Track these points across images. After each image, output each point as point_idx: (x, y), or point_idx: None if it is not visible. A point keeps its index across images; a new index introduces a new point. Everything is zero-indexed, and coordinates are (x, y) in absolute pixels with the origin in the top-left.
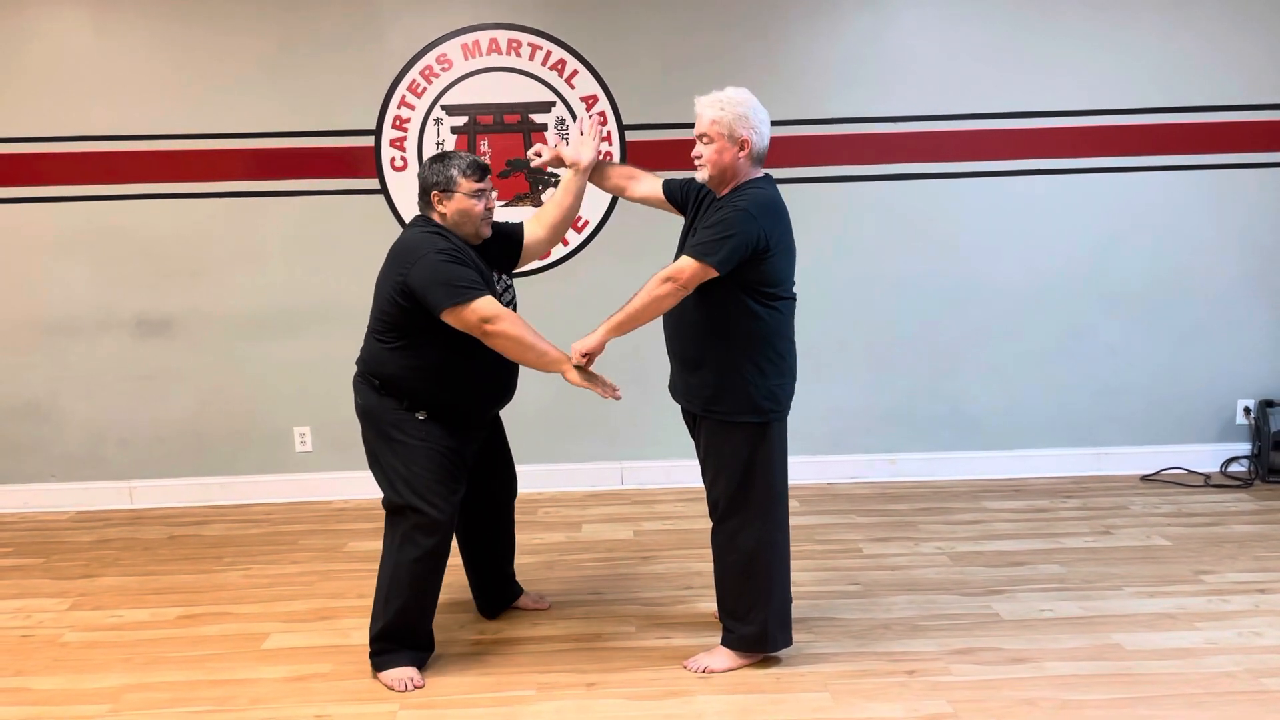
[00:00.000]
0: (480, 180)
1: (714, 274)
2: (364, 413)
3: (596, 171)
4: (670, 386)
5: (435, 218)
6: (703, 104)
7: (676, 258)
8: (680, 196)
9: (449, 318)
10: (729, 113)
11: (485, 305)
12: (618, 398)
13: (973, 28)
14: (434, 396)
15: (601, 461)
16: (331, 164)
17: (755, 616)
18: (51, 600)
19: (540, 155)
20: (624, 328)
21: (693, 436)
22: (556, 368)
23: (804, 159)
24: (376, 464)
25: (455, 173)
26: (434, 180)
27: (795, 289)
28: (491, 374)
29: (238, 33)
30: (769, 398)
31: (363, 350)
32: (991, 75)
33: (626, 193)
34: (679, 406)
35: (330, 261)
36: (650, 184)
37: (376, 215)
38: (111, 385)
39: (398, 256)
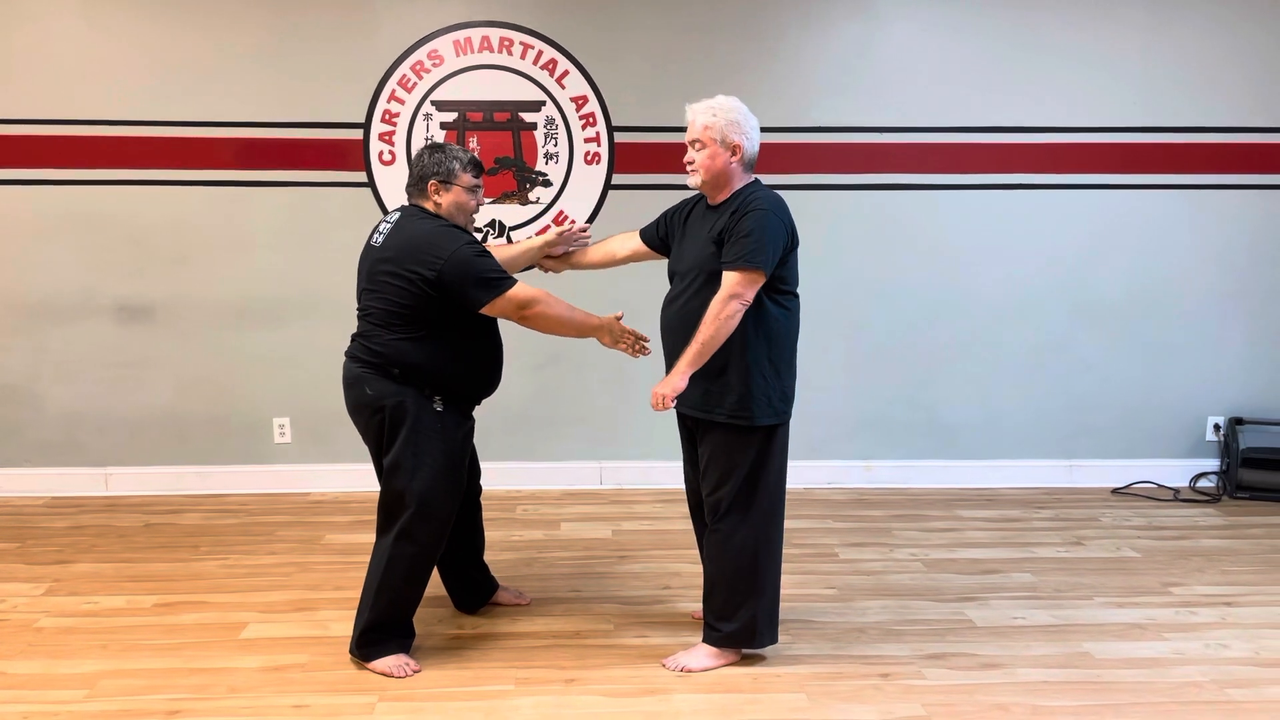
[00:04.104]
0: (477, 177)
1: (764, 278)
2: (375, 404)
3: (577, 259)
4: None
5: (429, 206)
6: (695, 110)
7: (673, 274)
8: (661, 232)
9: (487, 309)
10: (721, 119)
11: (521, 291)
12: (647, 352)
13: (960, 43)
14: (455, 378)
15: (580, 460)
16: (319, 156)
17: (744, 614)
18: (26, 585)
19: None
20: (700, 359)
21: (691, 442)
22: (599, 333)
23: (789, 166)
24: (383, 455)
25: (457, 166)
26: (434, 170)
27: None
28: (496, 352)
29: (228, 20)
30: (783, 399)
31: (369, 343)
32: (977, 89)
33: (616, 259)
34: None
35: (315, 253)
36: (630, 242)
37: (363, 208)
38: (91, 371)
39: (418, 250)
